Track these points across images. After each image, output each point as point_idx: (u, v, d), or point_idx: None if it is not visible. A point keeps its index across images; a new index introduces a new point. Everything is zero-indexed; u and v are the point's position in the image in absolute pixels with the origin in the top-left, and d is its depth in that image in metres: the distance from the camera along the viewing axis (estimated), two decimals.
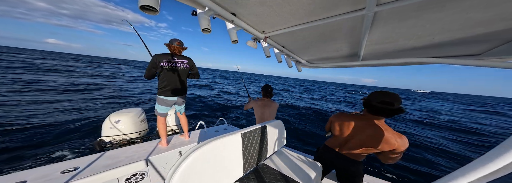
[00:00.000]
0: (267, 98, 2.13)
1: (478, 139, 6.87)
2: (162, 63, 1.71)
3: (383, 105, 1.03)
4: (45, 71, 15.54)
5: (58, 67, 20.87)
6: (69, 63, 31.33)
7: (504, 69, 0.87)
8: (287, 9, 0.83)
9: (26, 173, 1.27)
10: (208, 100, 9.73)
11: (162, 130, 1.91)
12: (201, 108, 8.12)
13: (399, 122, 8.73)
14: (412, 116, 10.77)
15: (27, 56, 36.01)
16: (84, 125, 4.77)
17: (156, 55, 1.73)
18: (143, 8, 0.68)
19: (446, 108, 17.38)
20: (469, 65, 0.97)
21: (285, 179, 1.17)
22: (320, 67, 1.94)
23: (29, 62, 23.11)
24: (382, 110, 1.04)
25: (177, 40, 1.81)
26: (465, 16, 0.73)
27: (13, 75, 11.93)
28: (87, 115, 5.62)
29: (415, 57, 1.24)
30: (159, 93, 1.78)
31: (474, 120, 11.46)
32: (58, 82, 10.90)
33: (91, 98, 8.11)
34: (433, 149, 5.18)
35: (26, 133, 4.08)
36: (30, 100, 6.67)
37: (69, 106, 6.37)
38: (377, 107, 1.05)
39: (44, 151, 3.48)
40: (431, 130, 7.75)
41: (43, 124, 4.59)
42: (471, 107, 22.87)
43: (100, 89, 10.21)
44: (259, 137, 1.21)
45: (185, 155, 0.75)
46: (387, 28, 0.94)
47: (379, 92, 1.10)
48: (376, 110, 1.07)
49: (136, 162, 1.50)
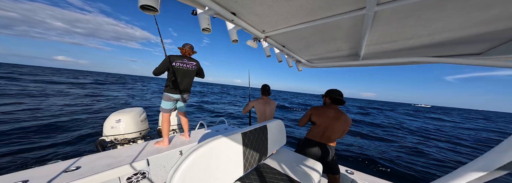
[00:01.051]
0: (266, 96, 2.22)
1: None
2: (174, 63, 1.88)
3: (340, 97, 1.56)
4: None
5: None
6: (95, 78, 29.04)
7: (504, 68, 0.87)
8: (287, 9, 0.83)
9: (29, 172, 1.28)
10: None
11: (165, 128, 1.95)
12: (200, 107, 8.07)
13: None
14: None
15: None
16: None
17: (170, 56, 1.90)
18: (143, 7, 0.68)
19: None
20: (469, 65, 0.97)
21: (285, 179, 1.17)
22: (320, 66, 1.94)
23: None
24: (340, 100, 1.55)
25: (188, 44, 2.01)
26: (465, 16, 0.72)
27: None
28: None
29: (415, 56, 1.24)
30: (167, 89, 1.92)
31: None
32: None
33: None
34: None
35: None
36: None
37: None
38: (338, 98, 1.55)
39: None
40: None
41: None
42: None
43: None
44: (259, 137, 1.22)
45: (186, 155, 0.75)
46: (387, 28, 0.94)
47: (332, 90, 1.63)
48: (337, 101, 1.56)
49: (137, 162, 1.51)
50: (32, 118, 5.42)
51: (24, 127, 4.53)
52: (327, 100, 1.63)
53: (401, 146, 6.09)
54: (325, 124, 1.54)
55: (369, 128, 9.77)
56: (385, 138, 7.26)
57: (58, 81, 21.02)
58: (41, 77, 26.86)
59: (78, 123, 5.45)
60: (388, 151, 5.41)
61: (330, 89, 1.64)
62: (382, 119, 14.64)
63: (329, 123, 1.52)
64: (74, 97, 10.62)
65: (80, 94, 12.44)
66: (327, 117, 1.55)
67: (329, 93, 1.61)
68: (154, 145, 1.88)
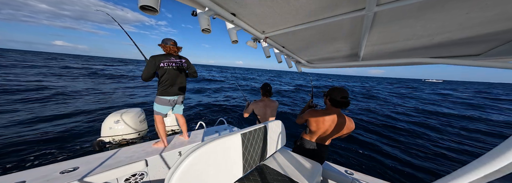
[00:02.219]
0: (267, 97, 2.11)
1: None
2: (161, 63, 1.71)
3: (344, 99, 1.34)
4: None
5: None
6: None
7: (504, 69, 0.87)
8: (287, 9, 0.83)
9: (25, 173, 1.27)
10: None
11: (161, 130, 1.87)
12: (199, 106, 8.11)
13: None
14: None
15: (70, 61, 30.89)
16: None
17: (153, 57, 1.72)
18: (143, 8, 0.68)
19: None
20: (468, 66, 0.97)
21: (285, 179, 1.17)
22: (320, 67, 1.94)
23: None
24: (344, 103, 1.34)
25: (170, 40, 1.79)
26: (465, 16, 0.73)
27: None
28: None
29: (415, 57, 1.24)
30: (161, 93, 1.78)
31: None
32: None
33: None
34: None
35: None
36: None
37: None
38: (340, 101, 1.34)
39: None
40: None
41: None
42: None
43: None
44: (259, 137, 1.21)
45: (185, 155, 0.75)
46: (387, 28, 0.94)
47: (335, 89, 1.39)
48: (339, 104, 1.35)
49: (136, 162, 1.50)
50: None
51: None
52: (327, 102, 1.43)
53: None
54: (322, 129, 1.45)
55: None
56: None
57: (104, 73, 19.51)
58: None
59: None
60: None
61: (333, 87, 1.41)
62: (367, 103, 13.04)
63: (327, 129, 1.43)
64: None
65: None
66: (325, 122, 1.41)
67: (330, 93, 1.39)
68: (152, 146, 1.87)
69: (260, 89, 2.13)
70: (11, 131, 4.16)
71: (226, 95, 11.83)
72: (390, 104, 11.89)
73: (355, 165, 3.90)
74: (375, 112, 9.08)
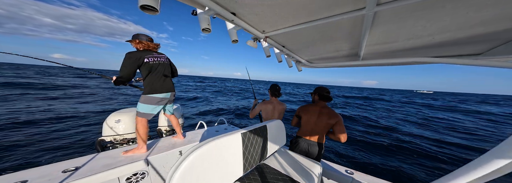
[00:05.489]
0: (275, 99, 2.07)
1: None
2: (146, 59, 1.54)
3: (328, 94, 1.68)
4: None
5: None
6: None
7: (505, 69, 0.87)
8: (287, 9, 0.83)
9: (27, 172, 1.27)
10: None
11: (143, 133, 1.64)
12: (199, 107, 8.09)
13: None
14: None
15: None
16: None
17: (133, 52, 1.52)
18: (143, 7, 0.68)
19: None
20: (469, 65, 0.97)
21: (285, 179, 1.17)
22: (320, 67, 1.94)
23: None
24: (328, 97, 1.65)
25: (145, 35, 1.62)
26: (465, 16, 0.73)
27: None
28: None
29: (415, 57, 1.24)
30: (150, 91, 1.61)
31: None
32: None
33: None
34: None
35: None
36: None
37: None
38: (326, 95, 1.65)
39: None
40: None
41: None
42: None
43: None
44: (259, 137, 1.22)
45: (186, 155, 0.75)
46: (387, 28, 0.94)
47: (320, 87, 1.77)
48: (325, 97, 1.65)
49: (137, 162, 1.50)
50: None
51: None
52: (315, 97, 1.75)
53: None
54: (312, 119, 1.65)
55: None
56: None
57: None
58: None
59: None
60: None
61: (318, 87, 1.80)
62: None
63: (315, 119, 1.63)
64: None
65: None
66: (313, 112, 1.66)
67: (317, 91, 1.75)
68: (153, 145, 1.87)
69: (269, 91, 2.09)
70: (11, 131, 4.18)
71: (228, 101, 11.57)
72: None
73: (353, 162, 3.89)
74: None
